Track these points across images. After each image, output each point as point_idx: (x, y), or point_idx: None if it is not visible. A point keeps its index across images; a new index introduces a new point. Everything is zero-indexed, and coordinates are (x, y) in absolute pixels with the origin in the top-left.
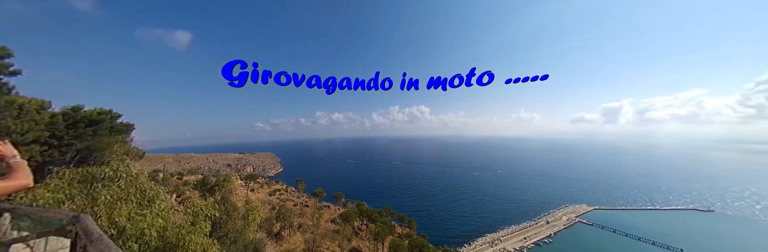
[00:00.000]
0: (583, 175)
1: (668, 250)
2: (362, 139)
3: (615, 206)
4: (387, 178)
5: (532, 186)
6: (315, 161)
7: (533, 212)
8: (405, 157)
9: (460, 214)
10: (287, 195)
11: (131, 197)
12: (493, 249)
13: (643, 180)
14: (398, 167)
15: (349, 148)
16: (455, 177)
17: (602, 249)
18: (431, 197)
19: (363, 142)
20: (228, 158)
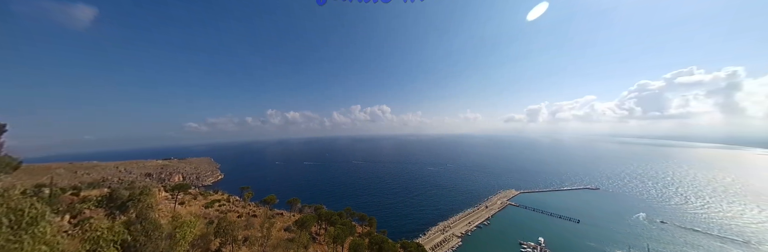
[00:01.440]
0: (512, 165)
1: (569, 220)
2: (322, 139)
3: (535, 189)
4: (348, 178)
5: (475, 176)
6: (266, 165)
7: (476, 199)
8: (367, 157)
9: (417, 207)
10: (229, 206)
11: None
12: (444, 235)
13: (554, 166)
14: (360, 167)
15: (306, 149)
16: (413, 173)
17: (526, 225)
18: (391, 194)
19: (323, 142)
20: (147, 166)
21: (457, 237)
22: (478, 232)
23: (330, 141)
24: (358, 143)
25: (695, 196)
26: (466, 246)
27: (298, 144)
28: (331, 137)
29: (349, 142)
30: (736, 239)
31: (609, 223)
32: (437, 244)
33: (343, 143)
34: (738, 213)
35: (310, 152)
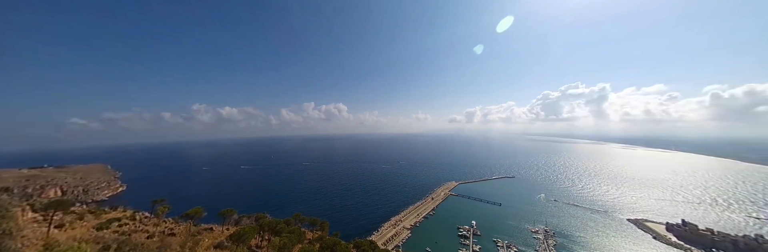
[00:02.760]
0: (453, 160)
1: (494, 204)
2: (267, 139)
3: (469, 180)
4: (298, 182)
5: (424, 171)
6: (189, 172)
7: (424, 192)
8: (320, 157)
9: (372, 204)
10: (135, 225)
11: None
12: (396, 229)
13: (484, 160)
14: (312, 168)
15: (245, 151)
16: (367, 171)
17: (463, 211)
18: (346, 194)
19: (268, 143)
20: (5, 178)
21: (407, 229)
22: (425, 222)
23: (277, 141)
24: (311, 143)
25: (576, 180)
26: (415, 236)
27: (234, 145)
28: (279, 137)
29: (300, 143)
30: (600, 210)
31: (521, 204)
32: (389, 238)
33: (293, 144)
34: (602, 191)
35: (250, 155)
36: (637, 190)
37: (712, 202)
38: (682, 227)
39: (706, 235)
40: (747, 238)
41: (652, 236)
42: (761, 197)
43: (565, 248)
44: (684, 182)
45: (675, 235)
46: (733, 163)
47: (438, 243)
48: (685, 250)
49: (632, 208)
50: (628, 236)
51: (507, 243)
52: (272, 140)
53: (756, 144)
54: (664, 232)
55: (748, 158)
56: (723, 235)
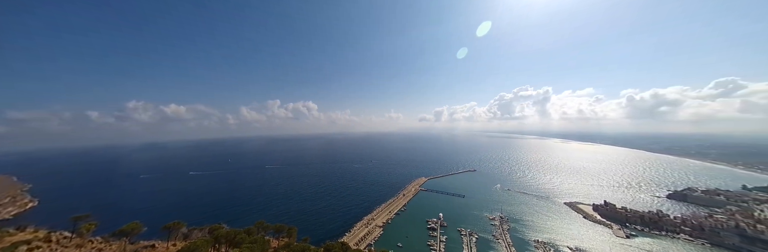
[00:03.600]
0: (423, 157)
1: (459, 196)
2: (224, 141)
3: (437, 175)
4: (261, 186)
5: (395, 169)
6: (122, 181)
7: (396, 189)
8: (287, 159)
9: (345, 205)
10: (50, 247)
11: None
12: (368, 228)
13: (450, 156)
14: (277, 171)
15: (196, 155)
16: (339, 172)
17: (431, 205)
18: (317, 197)
19: (225, 144)
20: None
21: (379, 227)
22: (396, 218)
23: (236, 143)
24: (276, 144)
25: (526, 171)
26: (387, 233)
27: (182, 148)
28: (239, 138)
29: (263, 144)
30: (543, 196)
31: (481, 195)
32: (362, 237)
33: (255, 145)
34: (546, 180)
35: (203, 158)
36: (571, 178)
37: (626, 185)
38: (604, 207)
39: (622, 213)
40: (651, 213)
41: (582, 216)
42: (662, 180)
43: (517, 231)
44: (606, 170)
45: (599, 213)
46: (642, 153)
47: (408, 237)
48: (607, 225)
49: (568, 193)
50: (564, 217)
51: (469, 231)
52: (230, 142)
53: (658, 137)
54: (591, 211)
55: (652, 149)
56: (634, 212)
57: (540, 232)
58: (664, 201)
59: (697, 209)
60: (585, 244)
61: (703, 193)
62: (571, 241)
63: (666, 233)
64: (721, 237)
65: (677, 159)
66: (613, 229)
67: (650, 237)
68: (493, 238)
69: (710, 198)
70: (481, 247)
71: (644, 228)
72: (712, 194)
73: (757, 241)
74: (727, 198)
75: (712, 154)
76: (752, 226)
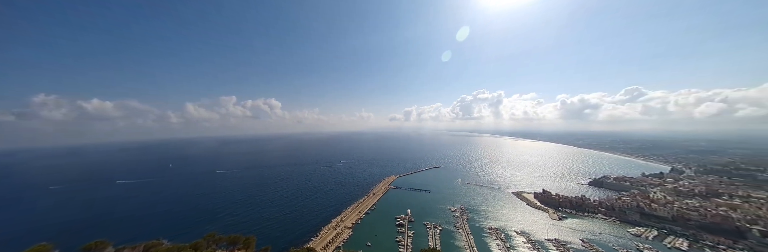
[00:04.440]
0: (393, 155)
1: (425, 192)
2: (165, 143)
3: (406, 172)
4: (213, 193)
5: (366, 168)
6: (22, 195)
7: (365, 189)
8: (244, 162)
9: (311, 208)
10: None
11: None
12: (337, 230)
13: (417, 153)
14: (232, 176)
15: (127, 159)
16: (305, 173)
17: (400, 202)
18: (280, 201)
19: (166, 147)
20: None
21: (348, 228)
22: (366, 218)
23: (180, 145)
24: (231, 146)
25: (483, 165)
26: (356, 234)
27: (107, 153)
28: (184, 140)
29: (216, 146)
30: (496, 187)
31: (445, 189)
32: (330, 240)
33: (205, 147)
34: (498, 173)
35: (136, 164)
36: (518, 170)
37: (560, 175)
38: (542, 195)
39: (556, 199)
40: (576, 198)
41: (526, 203)
42: (585, 170)
43: (474, 221)
44: (544, 162)
45: (539, 200)
46: (571, 148)
47: (378, 236)
48: (544, 210)
49: (515, 183)
50: (512, 205)
51: (434, 224)
52: (173, 144)
53: (583, 135)
54: (532, 199)
55: (578, 144)
56: (564, 197)
57: (493, 220)
58: (586, 187)
59: (610, 193)
60: (528, 228)
61: (614, 180)
62: (517, 226)
63: (588, 214)
64: (627, 215)
65: (596, 152)
66: (550, 213)
67: (577, 218)
68: (455, 228)
69: (619, 184)
70: (444, 238)
71: (572, 210)
72: (620, 181)
73: (651, 217)
74: (631, 183)
75: (621, 148)
76: (648, 205)
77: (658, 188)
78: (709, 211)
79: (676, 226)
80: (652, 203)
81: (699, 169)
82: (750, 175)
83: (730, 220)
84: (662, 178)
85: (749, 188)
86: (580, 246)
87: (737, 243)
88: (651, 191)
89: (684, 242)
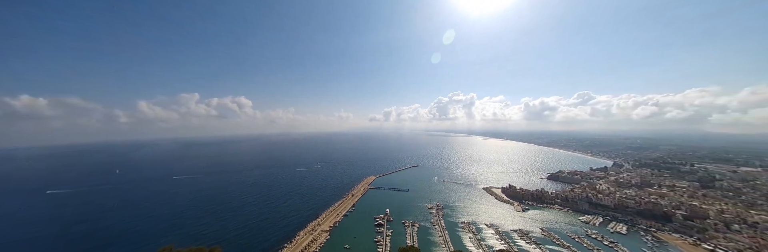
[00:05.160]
0: (372, 155)
1: (403, 191)
2: (112, 146)
3: (386, 172)
4: (167, 203)
5: (345, 170)
6: None
7: (344, 190)
8: (206, 166)
9: (285, 214)
10: None
11: None
12: (313, 235)
13: (396, 153)
14: (192, 182)
15: (61, 165)
16: (279, 177)
17: (379, 202)
18: (251, 207)
19: (113, 150)
20: None
21: (325, 232)
22: (345, 220)
23: (131, 148)
24: (193, 148)
25: (458, 163)
26: (334, 237)
27: (37, 158)
28: (136, 142)
29: (174, 148)
30: (468, 184)
31: (423, 187)
32: (306, 245)
33: (161, 150)
34: (471, 170)
35: (72, 170)
36: (488, 167)
37: (523, 171)
38: (509, 189)
39: (520, 192)
40: (537, 191)
41: (495, 197)
42: (544, 165)
43: (449, 216)
44: (511, 159)
45: (506, 194)
46: (532, 146)
47: (356, 238)
48: (510, 203)
49: (485, 179)
50: (482, 200)
51: (412, 222)
52: (122, 146)
53: (543, 134)
54: (500, 193)
55: (539, 142)
56: (527, 191)
57: (466, 215)
58: (545, 181)
59: (564, 186)
60: (496, 220)
61: (567, 174)
62: (487, 219)
63: (546, 205)
64: (578, 204)
65: (553, 150)
66: (515, 206)
67: (537, 209)
68: (431, 225)
69: (572, 177)
70: (421, 235)
71: (534, 203)
72: (573, 174)
73: (598, 205)
74: (581, 177)
75: (573, 145)
76: (595, 196)
77: (603, 180)
78: (642, 199)
79: (617, 213)
80: (598, 194)
81: (635, 163)
82: (675, 167)
83: (659, 207)
84: (606, 171)
85: (674, 179)
86: (540, 234)
87: (665, 226)
88: (597, 183)
89: (623, 227)
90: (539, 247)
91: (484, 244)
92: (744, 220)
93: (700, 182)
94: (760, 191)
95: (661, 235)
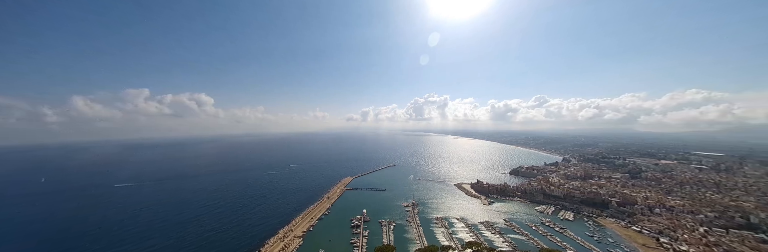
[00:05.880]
0: (350, 156)
1: (380, 190)
2: (36, 148)
3: (363, 173)
4: (109, 215)
5: (320, 172)
6: None
7: (319, 193)
8: (158, 172)
9: (252, 222)
10: None
11: None
12: (284, 241)
13: (374, 154)
14: (138, 191)
15: None
16: (245, 182)
17: (356, 203)
18: (212, 217)
19: (37, 156)
20: None
21: (298, 237)
22: (319, 224)
23: (61, 152)
24: (140, 152)
25: (432, 162)
26: (307, 242)
27: None
28: (68, 145)
29: (116, 152)
30: (441, 181)
31: (399, 186)
32: None
33: (98, 154)
34: (445, 168)
35: None
36: (459, 164)
37: (490, 167)
38: (477, 184)
39: (486, 187)
40: (500, 185)
41: (465, 193)
42: (507, 161)
43: (424, 213)
44: (479, 157)
45: (474, 189)
46: (497, 144)
47: (332, 241)
48: (478, 197)
49: (457, 176)
50: (454, 195)
51: (388, 221)
52: (50, 150)
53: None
54: (470, 189)
55: (503, 141)
56: (492, 185)
57: (439, 210)
58: (508, 176)
59: (523, 179)
60: (466, 214)
61: (526, 169)
62: (458, 213)
63: (508, 198)
64: (534, 196)
65: (515, 147)
66: (482, 200)
67: (501, 201)
68: (407, 222)
69: (529, 172)
70: (397, 233)
71: (498, 196)
72: (530, 169)
73: (551, 196)
74: (537, 171)
75: (531, 143)
76: (548, 188)
77: (555, 174)
78: (586, 190)
79: (565, 202)
80: (550, 186)
81: (580, 158)
82: (611, 161)
83: (599, 196)
84: (557, 166)
85: (610, 171)
86: (504, 225)
87: (603, 212)
88: (550, 176)
89: (570, 214)
90: (502, 236)
91: (455, 237)
92: (663, 204)
93: (630, 174)
94: (675, 180)
95: (600, 220)
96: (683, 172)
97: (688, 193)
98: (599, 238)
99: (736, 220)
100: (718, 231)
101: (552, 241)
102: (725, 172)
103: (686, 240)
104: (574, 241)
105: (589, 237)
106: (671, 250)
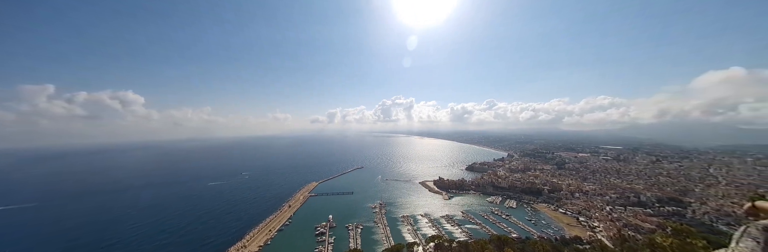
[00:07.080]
0: (314, 160)
1: (348, 194)
2: None
3: (329, 177)
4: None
5: (282, 178)
6: None
7: (279, 201)
8: (66, 188)
9: (195, 243)
10: None
11: None
12: None
13: (341, 156)
14: (32, 213)
15: None
16: (185, 195)
17: (322, 209)
18: (141, 241)
19: None
20: None
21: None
22: (279, 235)
23: None
24: (43, 164)
25: (399, 162)
26: None
27: None
28: None
29: (7, 164)
30: (407, 180)
31: (368, 188)
32: None
33: None
34: (410, 168)
35: None
36: (424, 163)
37: (450, 164)
38: (439, 181)
39: (447, 183)
40: (458, 180)
41: (428, 189)
42: (464, 159)
43: (391, 213)
44: (442, 155)
45: (437, 186)
46: (456, 143)
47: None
48: (440, 193)
49: (421, 174)
50: (418, 193)
51: (355, 224)
52: None
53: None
54: (433, 186)
55: (461, 140)
56: (451, 181)
57: (405, 209)
58: (464, 172)
59: (477, 174)
60: (429, 210)
61: (479, 165)
62: (422, 210)
63: (465, 191)
64: (486, 188)
65: (470, 146)
66: (443, 195)
67: (459, 196)
68: (374, 224)
69: (482, 167)
70: (365, 236)
71: (456, 191)
72: (483, 165)
73: (498, 188)
74: (488, 166)
75: (483, 142)
76: (496, 180)
77: (501, 168)
78: (525, 180)
79: (510, 192)
80: (498, 179)
81: (521, 154)
82: (543, 155)
83: (535, 185)
84: (503, 161)
85: (543, 164)
86: (461, 216)
87: (538, 198)
88: (498, 170)
89: (514, 202)
90: (460, 227)
91: (420, 233)
92: (581, 189)
93: (557, 165)
94: (589, 169)
95: (536, 206)
96: (594, 163)
97: (598, 179)
98: (535, 221)
99: (631, 199)
100: (618, 209)
101: (500, 227)
102: (623, 161)
103: (597, 217)
104: (517, 226)
105: (528, 221)
106: (587, 227)
